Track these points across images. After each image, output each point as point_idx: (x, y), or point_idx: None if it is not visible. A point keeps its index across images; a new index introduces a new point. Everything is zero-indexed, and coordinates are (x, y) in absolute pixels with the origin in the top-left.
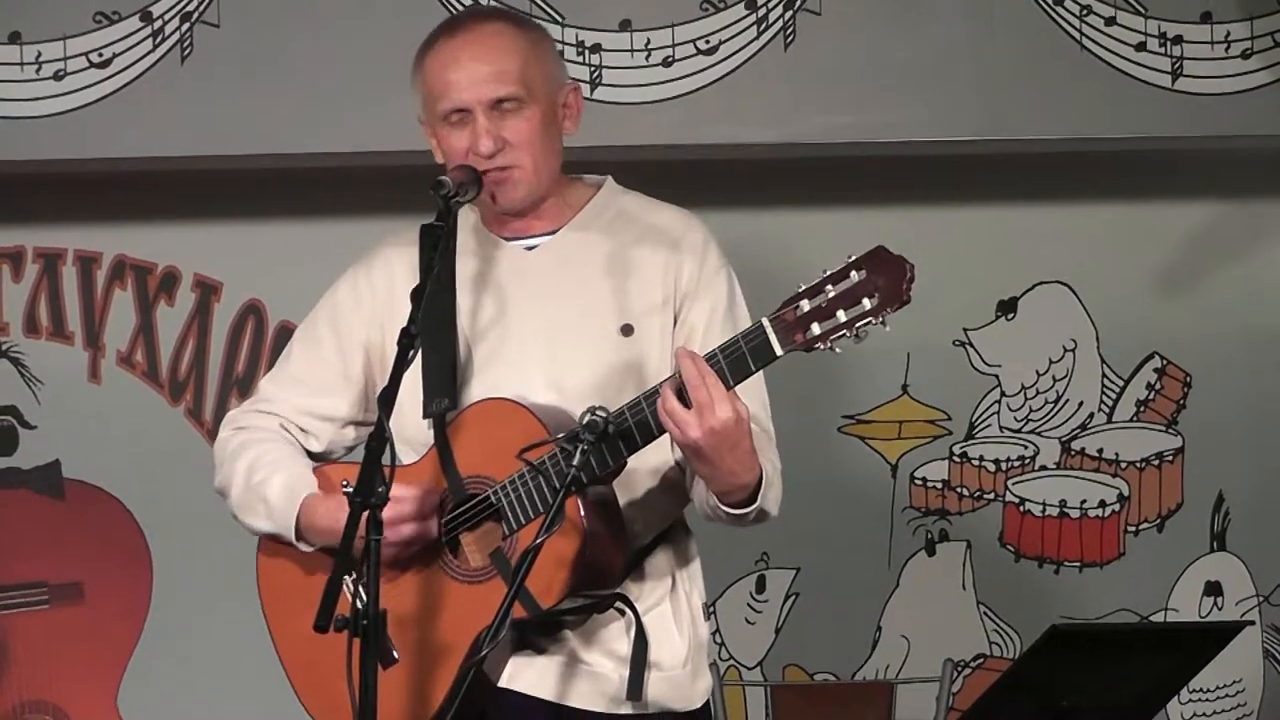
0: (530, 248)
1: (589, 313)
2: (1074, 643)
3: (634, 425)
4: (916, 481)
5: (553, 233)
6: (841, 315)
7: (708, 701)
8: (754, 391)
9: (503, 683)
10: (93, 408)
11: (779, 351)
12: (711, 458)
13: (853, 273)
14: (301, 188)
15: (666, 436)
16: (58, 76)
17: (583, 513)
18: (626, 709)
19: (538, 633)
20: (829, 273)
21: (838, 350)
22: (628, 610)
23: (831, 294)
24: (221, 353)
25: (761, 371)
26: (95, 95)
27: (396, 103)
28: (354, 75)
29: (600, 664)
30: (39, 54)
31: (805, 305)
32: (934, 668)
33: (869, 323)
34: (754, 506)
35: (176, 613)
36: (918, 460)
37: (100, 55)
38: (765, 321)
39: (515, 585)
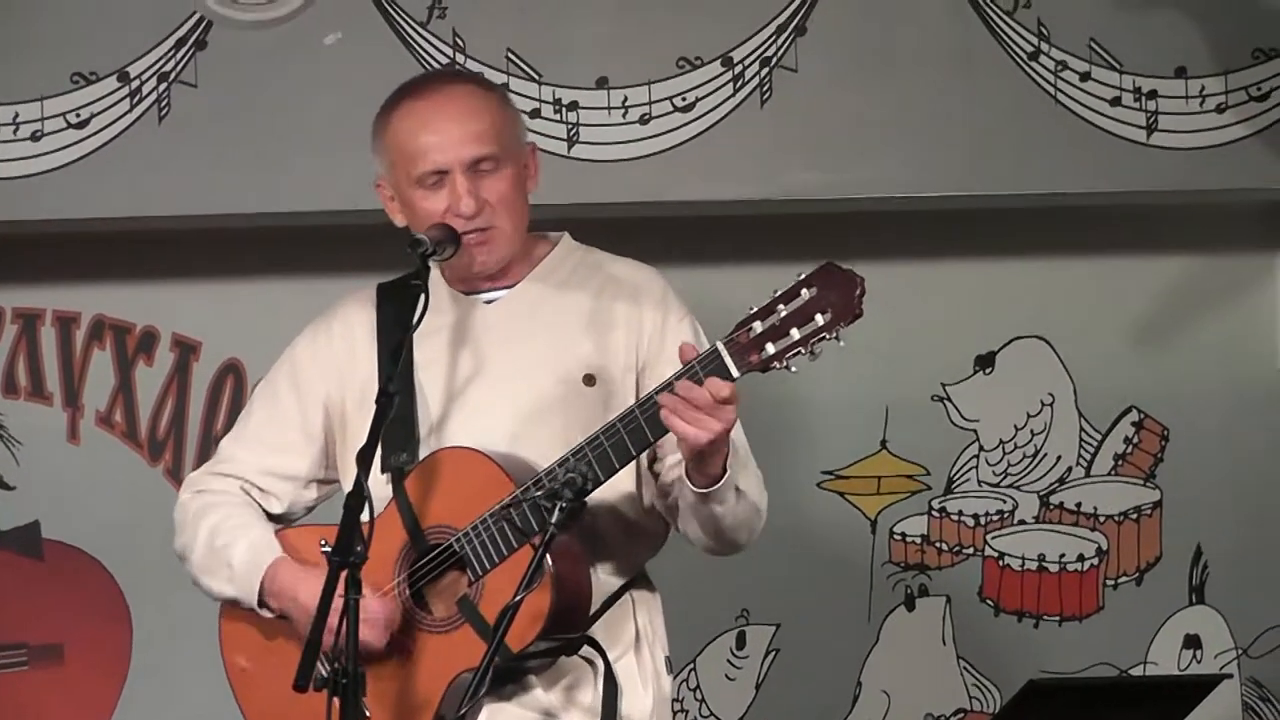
0: (489, 301)
1: (550, 363)
2: (1053, 697)
3: (595, 464)
4: (896, 536)
5: (511, 286)
6: (795, 333)
7: None
8: None
9: None
10: (72, 468)
11: (735, 373)
12: (720, 446)
13: (803, 290)
14: (280, 246)
15: (624, 475)
16: (35, 137)
17: (550, 558)
18: None
19: (503, 678)
20: (780, 292)
21: (793, 369)
22: (595, 655)
23: (784, 313)
24: (201, 412)
25: None
26: (73, 155)
27: (370, 163)
28: (332, 133)
29: (569, 713)
30: (16, 114)
31: (758, 326)
32: None
33: (823, 338)
34: (725, 477)
35: (156, 674)
36: (897, 515)
37: (78, 115)
38: (720, 345)
39: (496, 640)
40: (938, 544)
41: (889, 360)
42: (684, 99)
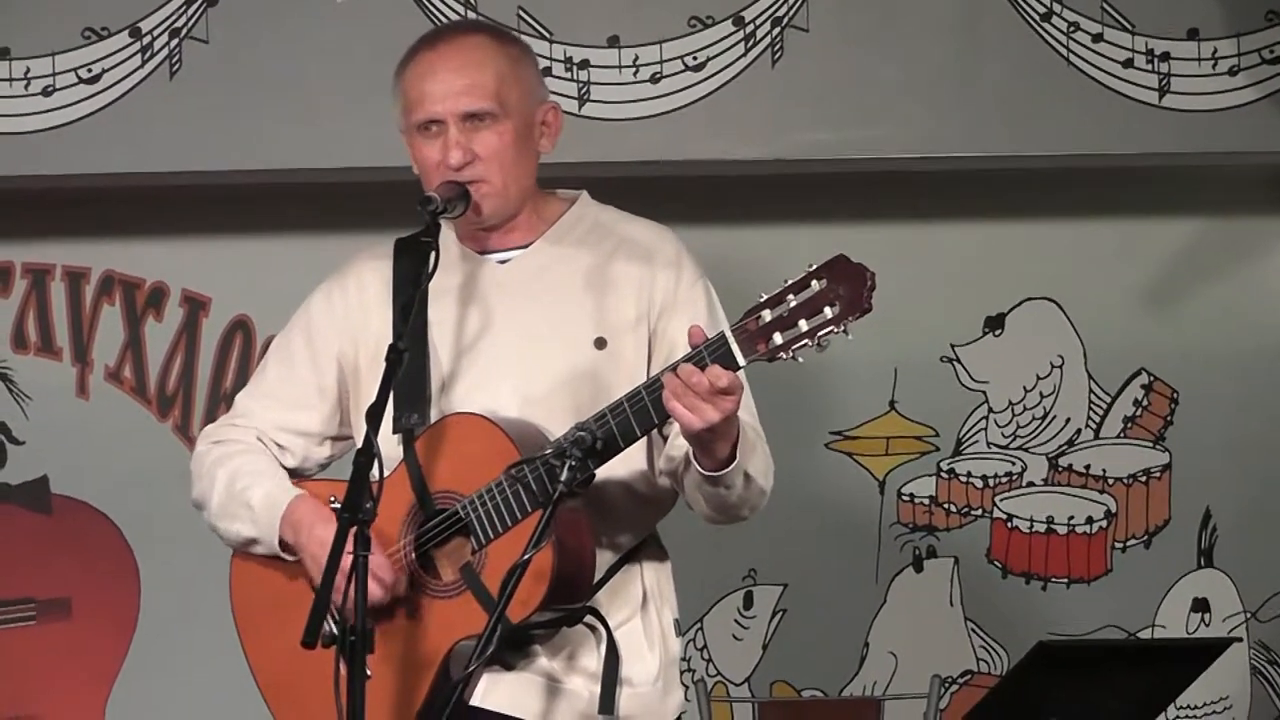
0: (503, 261)
1: (562, 325)
2: (1062, 659)
3: (615, 429)
4: (904, 498)
5: (526, 246)
6: (803, 324)
7: (679, 717)
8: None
9: (475, 700)
10: (80, 423)
11: (741, 361)
12: (724, 430)
13: (814, 282)
14: (290, 203)
15: (635, 447)
16: (46, 92)
17: (555, 526)
18: None
19: (507, 649)
20: (790, 282)
21: (800, 360)
22: (599, 625)
23: (793, 303)
24: (210, 368)
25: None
26: (84, 111)
27: (384, 118)
28: (343, 91)
29: (571, 681)
30: (28, 70)
31: (767, 315)
32: (921, 684)
33: (831, 331)
34: (735, 463)
35: (164, 628)
36: (905, 476)
37: (89, 71)
38: (727, 332)
39: (502, 604)
40: (946, 505)
41: (898, 321)
42: (695, 58)
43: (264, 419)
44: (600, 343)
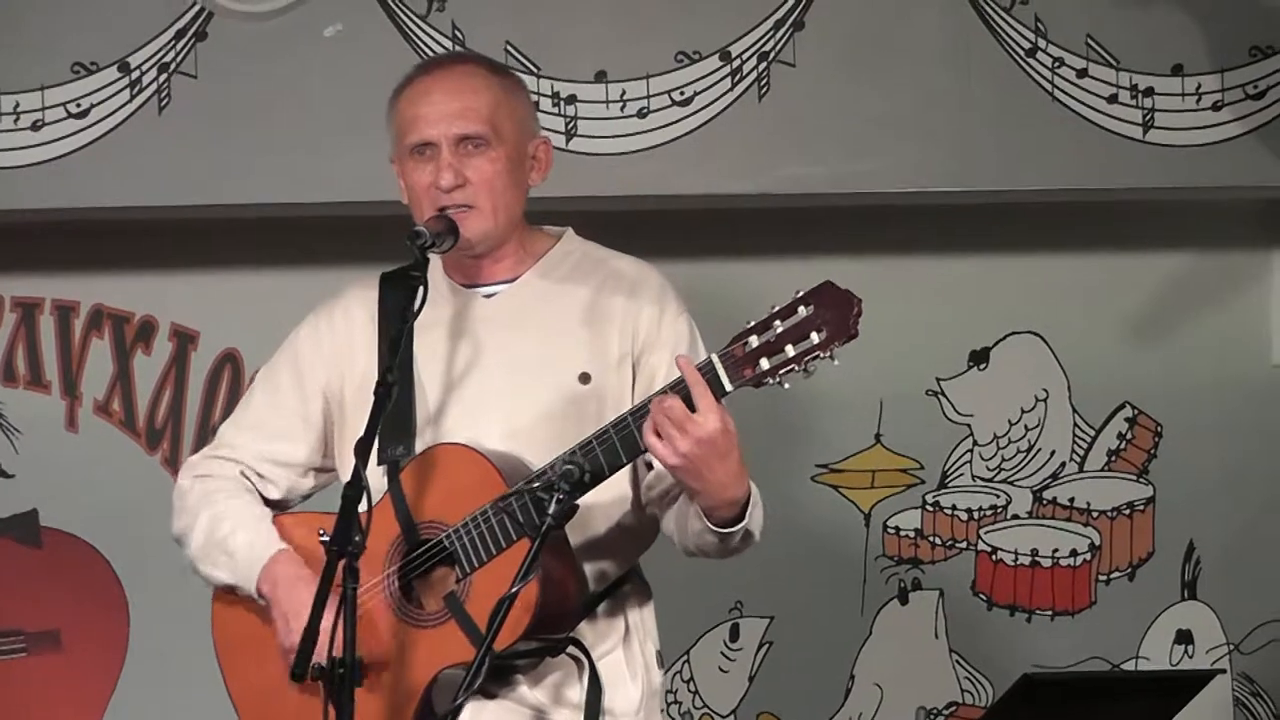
0: (490, 295)
1: (548, 360)
2: (1047, 691)
3: (602, 458)
4: (889, 530)
5: (512, 280)
6: (790, 350)
7: None
8: None
9: None
10: (70, 456)
11: (728, 387)
12: (701, 469)
13: (800, 308)
14: (278, 237)
15: (619, 475)
16: (35, 126)
17: (541, 558)
18: None
19: (490, 678)
20: (777, 308)
21: (787, 385)
22: (581, 656)
23: (780, 329)
24: (198, 401)
25: None
26: (73, 145)
27: (370, 154)
28: (332, 126)
29: (555, 712)
30: (17, 104)
31: (754, 341)
32: (907, 715)
33: (817, 357)
34: (741, 525)
35: (153, 658)
36: (891, 509)
37: (78, 106)
38: (714, 357)
39: (490, 635)
40: (931, 538)
41: (884, 354)
42: (682, 93)
43: (248, 450)
44: (585, 378)
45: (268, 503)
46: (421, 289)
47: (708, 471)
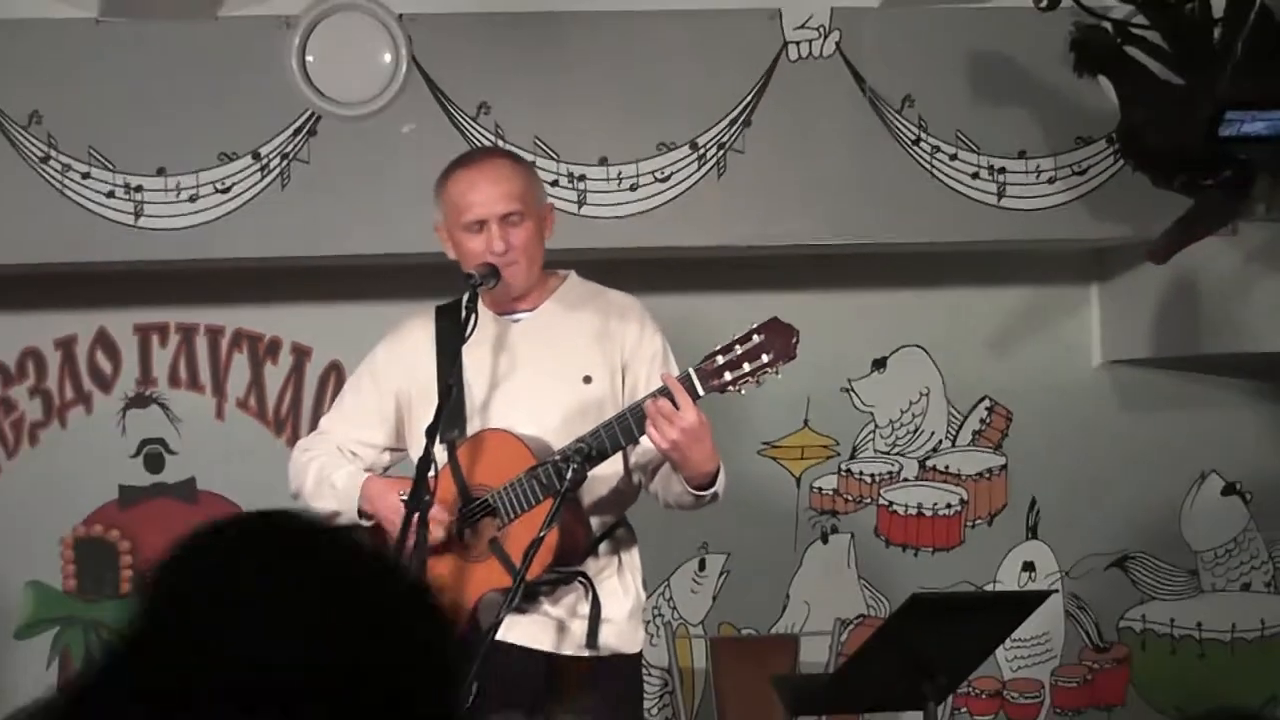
0: (517, 320)
1: (560, 368)
2: (929, 606)
3: (606, 441)
4: (815, 490)
5: (533, 310)
6: (746, 366)
7: (640, 650)
8: None
9: (499, 636)
10: (219, 439)
11: (701, 392)
12: (685, 451)
13: (754, 336)
14: (368, 278)
15: (617, 457)
16: (192, 199)
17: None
18: (588, 653)
19: (523, 599)
20: (737, 336)
21: (743, 392)
22: (587, 582)
23: (739, 351)
24: (312, 398)
25: None
26: (219, 213)
27: (431, 218)
28: (404, 198)
29: (569, 621)
30: (179, 183)
31: (720, 359)
32: (827, 624)
33: (766, 372)
34: (712, 489)
35: None
36: (816, 475)
37: (222, 184)
38: (691, 371)
39: (525, 565)
40: (845, 495)
41: (810, 362)
42: (662, 173)
43: (342, 435)
44: (588, 379)
45: None
46: (474, 317)
47: (689, 452)
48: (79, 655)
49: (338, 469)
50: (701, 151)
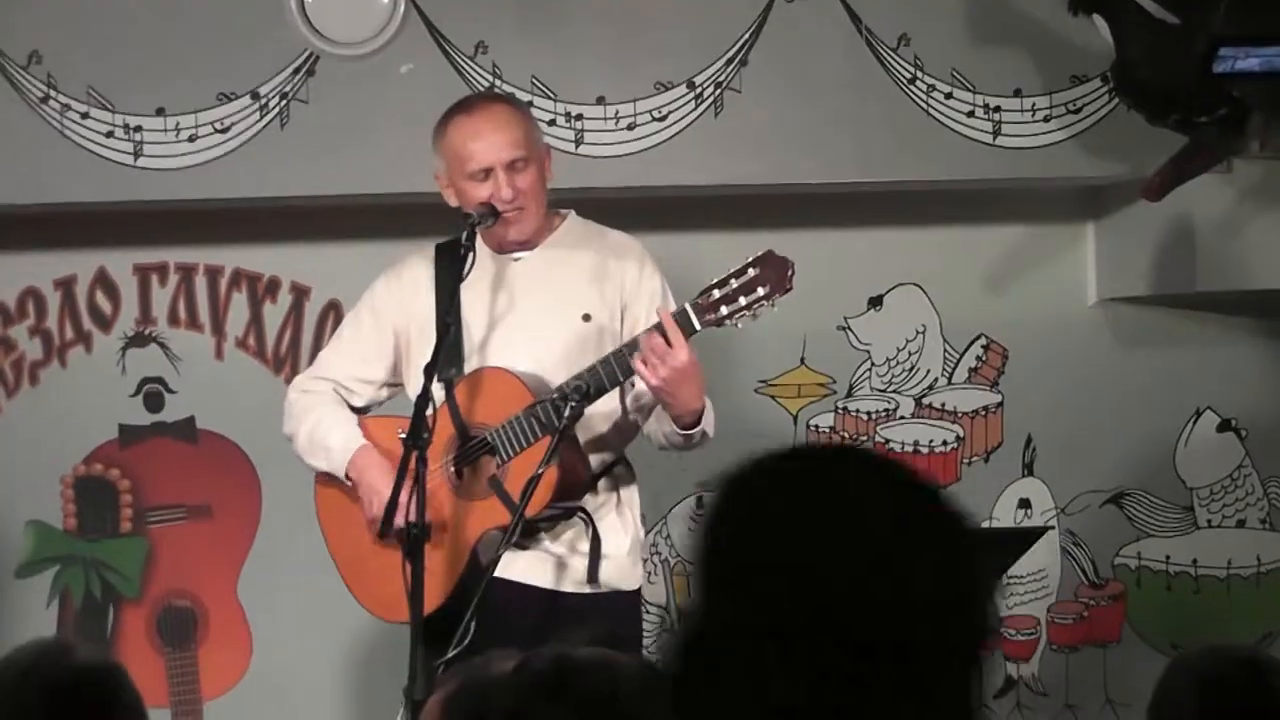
0: (517, 259)
1: (558, 305)
2: None
3: (596, 382)
4: (811, 428)
5: (532, 249)
6: (742, 300)
7: (639, 587)
8: None
9: (498, 573)
10: (218, 377)
11: (698, 326)
12: (674, 390)
13: (750, 269)
14: (366, 216)
15: (615, 393)
16: (191, 139)
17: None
18: (587, 589)
19: (522, 535)
20: (732, 270)
21: (739, 326)
22: (587, 519)
23: (735, 285)
24: (311, 337)
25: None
26: (218, 153)
27: (430, 158)
28: (405, 136)
29: (569, 557)
30: (178, 123)
31: (716, 293)
32: None
33: (762, 305)
34: (699, 428)
35: (279, 525)
36: (813, 413)
37: (221, 124)
38: (687, 305)
39: (524, 503)
40: (842, 433)
41: (806, 300)
42: (659, 112)
43: (340, 370)
44: (587, 317)
45: (353, 409)
46: (471, 255)
47: (678, 390)
48: (79, 594)
49: (333, 429)
50: (699, 90)
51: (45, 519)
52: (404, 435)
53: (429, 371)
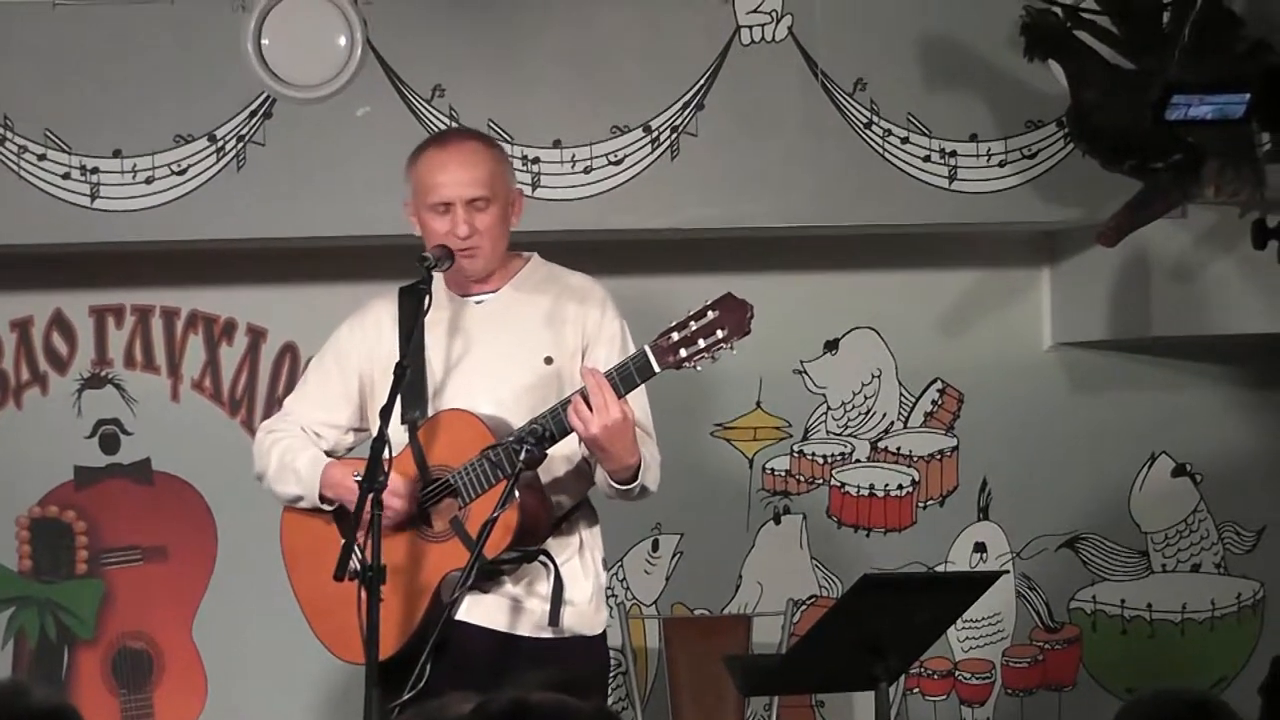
0: (479, 302)
1: (520, 348)
2: (880, 586)
3: (554, 426)
4: (767, 471)
5: (495, 291)
6: (701, 343)
7: (605, 630)
8: (639, 401)
9: (459, 616)
10: (174, 419)
11: (657, 369)
12: (605, 446)
13: (709, 312)
14: (323, 260)
15: (574, 435)
16: (148, 181)
17: (517, 490)
18: (548, 634)
19: (481, 577)
20: (692, 312)
21: (699, 369)
22: (549, 562)
23: (694, 327)
24: (266, 380)
25: (644, 386)
26: (175, 195)
27: (389, 200)
28: (361, 181)
29: (530, 601)
30: (134, 165)
31: (675, 335)
32: (779, 605)
33: (721, 348)
34: (636, 483)
35: (235, 567)
36: (768, 455)
37: (179, 165)
38: (646, 348)
39: (479, 545)
40: (797, 476)
41: (762, 343)
42: (615, 155)
43: (306, 416)
44: (548, 360)
45: None
46: (428, 297)
47: (610, 447)
48: (34, 636)
49: (300, 453)
50: (655, 134)
51: (0, 561)
52: (359, 478)
53: (385, 414)
